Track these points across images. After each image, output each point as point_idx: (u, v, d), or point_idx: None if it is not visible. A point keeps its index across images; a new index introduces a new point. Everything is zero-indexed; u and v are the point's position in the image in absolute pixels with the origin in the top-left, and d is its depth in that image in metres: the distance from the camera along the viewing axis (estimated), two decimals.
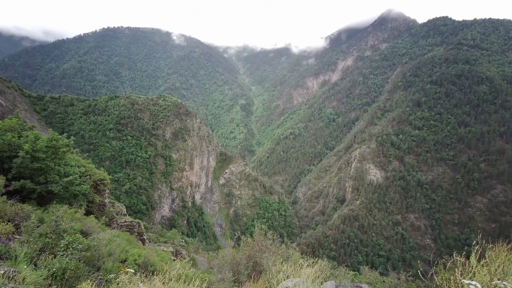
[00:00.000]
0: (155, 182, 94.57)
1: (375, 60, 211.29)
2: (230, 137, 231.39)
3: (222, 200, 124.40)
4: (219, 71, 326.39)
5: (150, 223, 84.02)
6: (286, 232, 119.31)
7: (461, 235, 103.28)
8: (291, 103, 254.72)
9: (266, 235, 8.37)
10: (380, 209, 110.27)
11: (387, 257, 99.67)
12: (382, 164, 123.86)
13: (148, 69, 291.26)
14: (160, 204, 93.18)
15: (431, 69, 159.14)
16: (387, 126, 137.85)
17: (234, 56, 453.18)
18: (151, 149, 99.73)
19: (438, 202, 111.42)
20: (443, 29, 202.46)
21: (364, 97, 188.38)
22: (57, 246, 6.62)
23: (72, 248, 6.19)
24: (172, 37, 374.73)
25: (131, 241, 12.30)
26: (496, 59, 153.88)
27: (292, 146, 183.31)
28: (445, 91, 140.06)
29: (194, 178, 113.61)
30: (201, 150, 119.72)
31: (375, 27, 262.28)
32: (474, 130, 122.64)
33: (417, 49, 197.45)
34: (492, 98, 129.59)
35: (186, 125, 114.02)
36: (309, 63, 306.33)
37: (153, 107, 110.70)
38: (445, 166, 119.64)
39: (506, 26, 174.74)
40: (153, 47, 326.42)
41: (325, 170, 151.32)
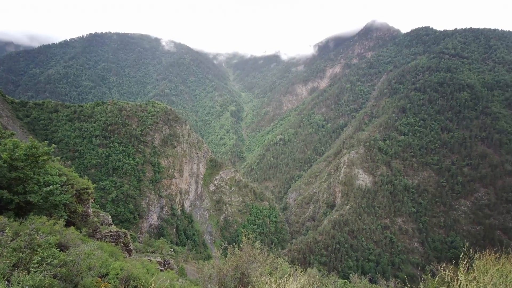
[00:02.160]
0: (143, 190, 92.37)
1: (362, 68, 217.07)
2: (220, 143, 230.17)
3: (212, 207, 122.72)
4: (209, 77, 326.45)
5: (138, 232, 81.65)
6: (277, 239, 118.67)
7: (447, 238, 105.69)
8: (281, 109, 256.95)
9: (254, 244, 8.18)
10: (369, 213, 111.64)
11: (377, 262, 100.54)
12: (370, 169, 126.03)
13: (136, 75, 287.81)
14: (148, 213, 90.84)
15: (415, 76, 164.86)
16: (374, 131, 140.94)
17: (224, 63, 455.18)
18: (139, 156, 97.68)
19: (424, 205, 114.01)
20: (425, 38, 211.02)
21: (352, 103, 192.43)
22: (31, 261, 6.23)
23: (46, 264, 5.81)
24: (161, 43, 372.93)
25: (114, 253, 11.79)
26: (476, 67, 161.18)
27: (282, 152, 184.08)
28: (428, 98, 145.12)
29: (184, 185, 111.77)
30: (190, 157, 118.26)
31: (361, 36, 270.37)
32: (456, 136, 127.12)
33: (401, 57, 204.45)
34: (473, 105, 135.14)
35: (175, 132, 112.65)
36: (298, 70, 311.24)
37: (141, 113, 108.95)
38: (430, 170, 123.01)
39: (486, 35, 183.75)
40: (142, 53, 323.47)
41: (315, 176, 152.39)
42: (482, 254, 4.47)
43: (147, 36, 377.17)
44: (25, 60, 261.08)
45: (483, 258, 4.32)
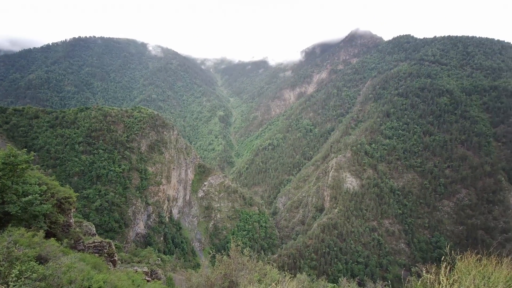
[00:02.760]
0: (129, 198, 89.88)
1: (347, 74, 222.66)
2: (208, 148, 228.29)
3: (201, 214, 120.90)
4: (197, 82, 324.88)
5: (123, 242, 79.08)
6: (267, 244, 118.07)
7: (432, 238, 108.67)
8: (269, 114, 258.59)
9: (243, 251, 8.11)
10: (357, 216, 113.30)
11: (366, 264, 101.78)
12: (358, 172, 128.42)
13: (122, 80, 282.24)
14: (134, 221, 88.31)
15: (397, 82, 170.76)
16: (360, 135, 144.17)
17: (212, 68, 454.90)
18: (125, 162, 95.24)
19: (410, 207, 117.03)
20: (407, 46, 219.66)
21: (339, 108, 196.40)
22: (9, 275, 5.91)
23: (24, 277, 5.53)
24: (148, 48, 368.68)
25: (98, 265, 11.35)
26: (455, 73, 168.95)
27: (271, 157, 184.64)
28: (411, 103, 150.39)
29: (172, 192, 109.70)
30: (178, 163, 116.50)
31: (346, 43, 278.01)
32: (438, 139, 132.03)
33: (384, 64, 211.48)
34: (452, 109, 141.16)
35: (162, 137, 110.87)
36: (286, 76, 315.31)
37: (127, 119, 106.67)
38: (414, 172, 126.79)
39: (464, 42, 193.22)
40: (127, 58, 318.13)
41: (303, 180, 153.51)
42: (464, 256, 4.61)
43: (133, 40, 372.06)
44: (5, 64, 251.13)
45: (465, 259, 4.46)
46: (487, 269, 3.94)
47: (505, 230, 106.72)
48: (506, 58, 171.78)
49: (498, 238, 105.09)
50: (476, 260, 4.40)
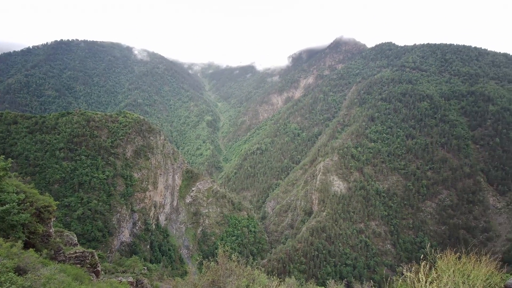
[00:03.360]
0: (114, 205, 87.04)
1: (333, 79, 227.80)
2: (196, 153, 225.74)
3: (189, 220, 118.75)
4: (184, 87, 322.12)
5: (107, 251, 76.29)
6: (256, 249, 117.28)
7: (416, 238, 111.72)
8: (257, 118, 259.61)
9: (231, 257, 8.02)
10: (344, 218, 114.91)
11: (354, 266, 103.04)
12: (345, 175, 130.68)
13: (106, 84, 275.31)
14: (119, 229, 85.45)
15: (381, 87, 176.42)
16: (347, 139, 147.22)
17: (200, 73, 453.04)
18: (110, 169, 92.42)
19: (395, 208, 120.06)
20: (389, 53, 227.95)
21: (325, 112, 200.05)
22: None
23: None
24: (133, 52, 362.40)
25: (80, 276, 10.88)
26: (434, 79, 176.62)
27: (259, 161, 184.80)
28: (393, 107, 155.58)
29: (158, 198, 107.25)
30: (165, 168, 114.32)
31: (331, 49, 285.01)
32: (419, 142, 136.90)
33: (368, 70, 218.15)
34: (432, 113, 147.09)
35: (149, 143, 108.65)
36: (274, 81, 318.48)
37: (112, 124, 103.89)
38: (398, 174, 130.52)
39: (442, 49, 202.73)
40: (112, 62, 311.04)
41: (292, 184, 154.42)
42: (444, 254, 4.78)
43: (118, 44, 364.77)
44: None
45: (445, 258, 4.62)
46: (466, 267, 4.12)
47: (486, 229, 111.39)
48: (483, 64, 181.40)
49: (480, 237, 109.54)
50: (455, 258, 4.57)
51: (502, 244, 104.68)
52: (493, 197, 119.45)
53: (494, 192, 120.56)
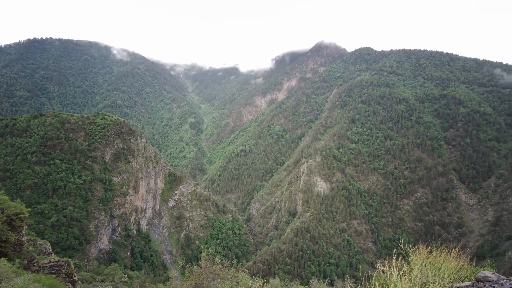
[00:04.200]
0: (91, 211, 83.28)
1: (315, 82, 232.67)
2: (179, 156, 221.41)
3: (172, 224, 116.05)
4: (166, 88, 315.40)
5: (84, 260, 72.86)
6: (241, 251, 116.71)
7: (395, 235, 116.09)
8: (241, 120, 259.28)
9: (214, 260, 7.95)
10: (328, 218, 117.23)
11: (337, 264, 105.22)
12: (327, 176, 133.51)
13: (83, 85, 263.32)
14: (97, 236, 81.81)
15: (361, 90, 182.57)
16: (329, 141, 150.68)
17: (182, 74, 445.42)
18: (87, 173, 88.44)
19: (375, 207, 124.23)
20: (367, 57, 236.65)
21: (308, 114, 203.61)
22: None
23: None
24: (112, 52, 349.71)
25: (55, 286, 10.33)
26: (409, 83, 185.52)
27: (243, 163, 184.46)
28: (373, 110, 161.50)
29: (140, 203, 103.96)
30: (147, 172, 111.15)
31: (313, 53, 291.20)
32: (397, 143, 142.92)
33: (348, 73, 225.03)
34: (408, 115, 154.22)
35: (129, 145, 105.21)
36: (257, 83, 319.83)
37: (89, 126, 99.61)
38: (378, 174, 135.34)
39: (417, 55, 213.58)
40: (89, 61, 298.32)
41: (276, 185, 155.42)
42: (417, 249, 5.07)
43: (95, 43, 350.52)
44: None
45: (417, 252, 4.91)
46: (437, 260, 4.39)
47: (459, 225, 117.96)
48: (454, 69, 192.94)
49: (454, 233, 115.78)
50: (427, 252, 4.85)
51: (475, 240, 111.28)
52: (465, 194, 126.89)
53: (466, 189, 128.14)
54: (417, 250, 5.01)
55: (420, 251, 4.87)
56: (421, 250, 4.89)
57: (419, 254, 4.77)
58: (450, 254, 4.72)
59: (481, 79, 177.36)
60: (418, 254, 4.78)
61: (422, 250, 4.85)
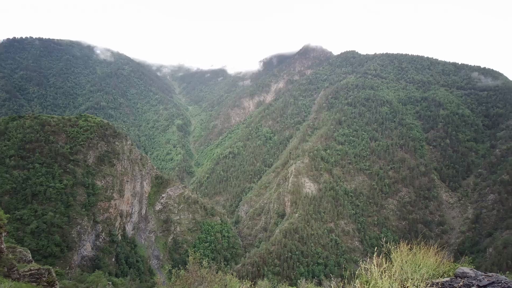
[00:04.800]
0: (73, 217, 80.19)
1: (303, 84, 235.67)
2: (166, 159, 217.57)
3: (159, 228, 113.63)
4: (153, 90, 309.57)
5: (66, 268, 69.87)
6: (230, 254, 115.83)
7: (381, 234, 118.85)
8: (229, 122, 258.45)
9: (202, 263, 7.85)
10: (316, 219, 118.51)
11: (325, 264, 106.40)
12: (315, 177, 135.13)
13: (64, 86, 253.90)
14: (79, 243, 78.82)
15: (347, 93, 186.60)
16: (316, 142, 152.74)
17: (169, 75, 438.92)
18: (68, 177, 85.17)
19: (361, 207, 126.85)
20: (353, 60, 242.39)
21: (296, 116, 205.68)
22: None
23: None
24: (95, 51, 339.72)
25: None
26: (392, 85, 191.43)
27: (232, 165, 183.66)
28: (358, 112, 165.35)
29: (125, 207, 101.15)
30: (133, 175, 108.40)
31: (300, 55, 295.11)
32: (381, 144, 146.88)
33: (334, 76, 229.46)
34: (392, 117, 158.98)
35: (114, 148, 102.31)
36: (245, 84, 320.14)
37: (71, 128, 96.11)
38: (364, 175, 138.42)
39: (399, 59, 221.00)
40: (71, 61, 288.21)
41: (265, 187, 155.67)
42: (398, 246, 5.25)
43: (77, 42, 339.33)
44: None
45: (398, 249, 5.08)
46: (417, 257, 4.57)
47: (441, 223, 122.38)
48: (434, 72, 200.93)
49: (436, 230, 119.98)
50: (408, 249, 5.04)
51: (456, 237, 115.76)
52: (446, 193, 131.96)
53: (447, 188, 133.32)
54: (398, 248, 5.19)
55: (401, 249, 5.05)
56: (402, 247, 5.07)
57: (400, 252, 4.94)
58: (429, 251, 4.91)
59: (460, 82, 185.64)
60: (399, 252, 4.95)
61: (403, 248, 5.03)
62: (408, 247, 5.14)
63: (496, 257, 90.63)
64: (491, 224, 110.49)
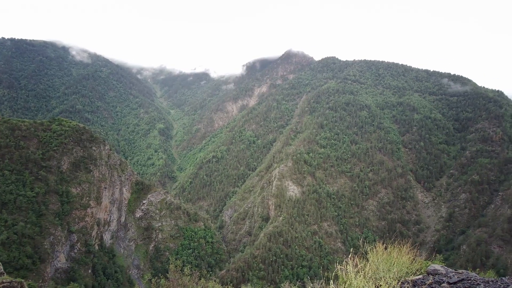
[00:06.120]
0: (46, 227, 75.52)
1: (285, 88, 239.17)
2: (147, 164, 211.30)
3: (140, 236, 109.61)
4: (133, 93, 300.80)
5: (39, 281, 65.60)
6: (215, 260, 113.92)
7: (362, 234, 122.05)
8: (212, 126, 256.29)
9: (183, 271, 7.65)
10: (300, 222, 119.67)
11: (309, 266, 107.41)
12: (298, 180, 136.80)
13: (36, 88, 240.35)
14: (53, 254, 74.24)
15: (328, 97, 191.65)
16: (299, 146, 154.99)
17: (150, 78, 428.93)
18: (40, 184, 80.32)
19: (343, 209, 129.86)
20: (333, 66, 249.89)
21: (279, 120, 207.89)
22: None
23: None
24: (71, 52, 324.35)
25: None
26: (371, 91, 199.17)
27: (215, 170, 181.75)
28: (339, 116, 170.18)
29: (102, 215, 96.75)
30: (111, 181, 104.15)
31: (283, 60, 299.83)
32: (361, 147, 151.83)
33: (316, 81, 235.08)
34: (371, 121, 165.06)
35: (91, 153, 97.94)
36: (228, 88, 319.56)
37: (43, 133, 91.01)
38: (345, 177, 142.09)
39: (376, 65, 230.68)
40: (44, 63, 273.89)
41: (249, 191, 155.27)
42: (374, 246, 5.44)
43: (52, 43, 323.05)
44: None
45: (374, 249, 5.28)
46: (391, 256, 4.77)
47: (417, 222, 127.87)
48: (408, 79, 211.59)
49: (413, 229, 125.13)
50: (383, 248, 5.24)
51: (432, 235, 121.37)
52: (421, 193, 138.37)
53: (422, 189, 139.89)
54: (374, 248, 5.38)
55: (377, 249, 5.24)
56: (377, 247, 5.27)
57: (375, 251, 5.13)
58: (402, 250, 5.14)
59: (431, 88, 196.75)
60: (375, 251, 5.14)
61: (379, 247, 5.22)
62: (383, 247, 5.35)
63: (470, 254, 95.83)
64: (463, 222, 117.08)
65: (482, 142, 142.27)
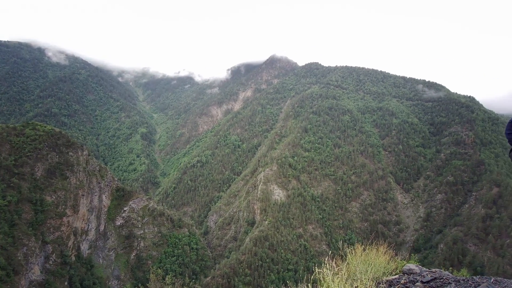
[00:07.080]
0: (19, 237, 70.91)
1: (270, 93, 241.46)
2: (129, 169, 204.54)
3: (120, 245, 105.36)
4: (113, 96, 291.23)
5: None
6: (199, 267, 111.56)
7: (346, 236, 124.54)
8: (197, 130, 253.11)
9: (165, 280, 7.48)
10: (285, 225, 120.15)
11: (295, 270, 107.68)
12: (284, 184, 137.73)
13: (9, 91, 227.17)
14: (26, 266, 69.69)
15: (312, 102, 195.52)
16: (284, 149, 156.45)
17: (132, 82, 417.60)
18: (12, 192, 75.52)
19: (328, 211, 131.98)
20: (316, 71, 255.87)
21: (264, 124, 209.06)
22: None
23: None
24: (46, 54, 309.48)
25: None
26: (352, 96, 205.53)
27: (200, 174, 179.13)
28: (323, 120, 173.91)
29: (80, 224, 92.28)
30: (90, 188, 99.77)
31: (267, 65, 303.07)
32: (344, 150, 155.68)
33: (300, 85, 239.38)
34: (353, 125, 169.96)
35: (67, 159, 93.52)
36: (213, 92, 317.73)
37: (15, 138, 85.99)
38: (329, 180, 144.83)
39: (357, 71, 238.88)
40: (18, 64, 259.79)
41: (234, 195, 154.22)
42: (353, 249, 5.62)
43: (27, 44, 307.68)
44: None
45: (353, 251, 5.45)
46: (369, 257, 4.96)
47: (398, 222, 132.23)
48: (387, 85, 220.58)
49: (393, 230, 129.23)
50: (362, 250, 5.44)
51: (411, 234, 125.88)
52: (400, 194, 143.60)
53: (401, 190, 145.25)
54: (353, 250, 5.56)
55: (355, 250, 5.42)
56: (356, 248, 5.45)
57: (354, 253, 5.30)
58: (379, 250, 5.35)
59: (408, 94, 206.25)
60: (354, 253, 5.31)
61: (357, 249, 5.40)
62: (362, 248, 5.54)
63: (447, 252, 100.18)
64: (440, 221, 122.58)
65: (456, 145, 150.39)
